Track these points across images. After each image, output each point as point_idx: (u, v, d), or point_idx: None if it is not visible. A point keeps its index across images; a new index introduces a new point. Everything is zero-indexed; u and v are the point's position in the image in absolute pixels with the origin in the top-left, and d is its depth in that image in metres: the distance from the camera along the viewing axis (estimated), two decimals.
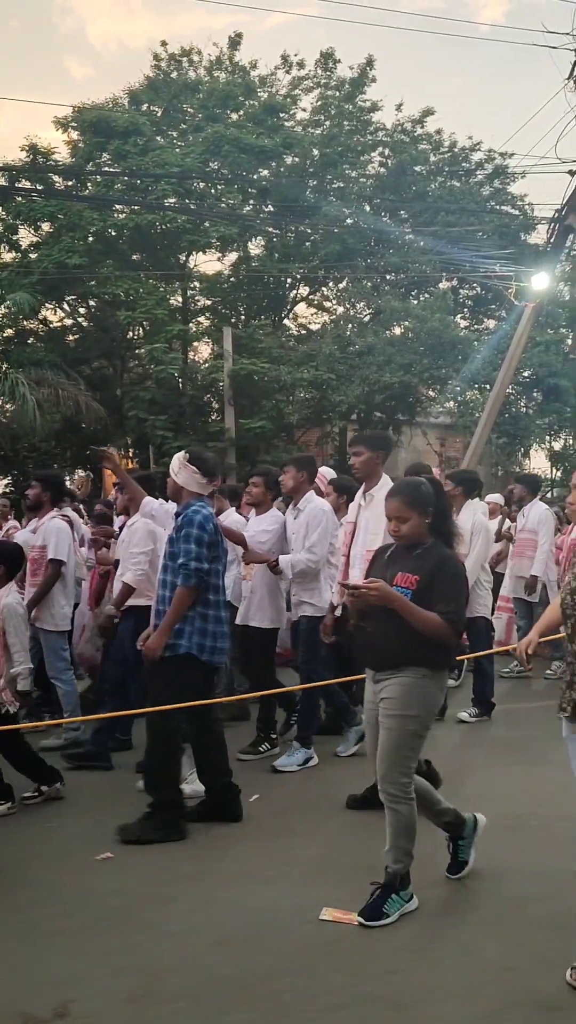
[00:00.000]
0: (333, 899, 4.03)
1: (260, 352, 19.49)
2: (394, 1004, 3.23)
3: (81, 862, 4.53)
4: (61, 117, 20.28)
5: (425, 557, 3.86)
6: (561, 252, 14.18)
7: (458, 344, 19.59)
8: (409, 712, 3.81)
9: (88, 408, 18.21)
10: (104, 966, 3.50)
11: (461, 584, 3.94)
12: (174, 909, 3.99)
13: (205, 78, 22.63)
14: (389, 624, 3.77)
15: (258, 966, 3.50)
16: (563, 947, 3.60)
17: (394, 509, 3.91)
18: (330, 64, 22.20)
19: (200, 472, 5.02)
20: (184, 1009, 3.20)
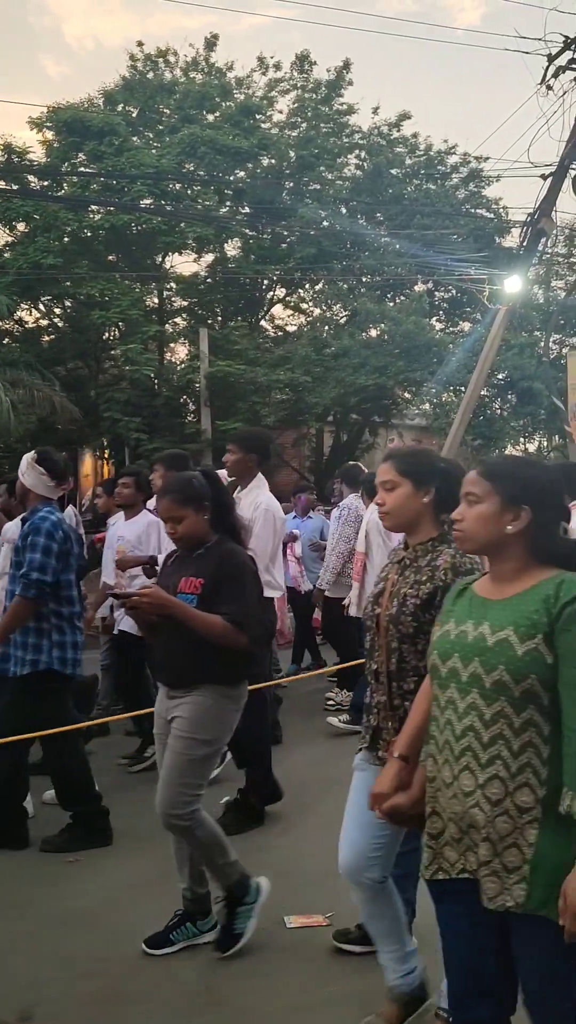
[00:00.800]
0: (300, 901, 4.04)
1: (236, 353, 19.47)
2: (362, 1003, 3.23)
3: (49, 865, 4.51)
4: (36, 117, 20.17)
5: (207, 557, 3.55)
6: (533, 255, 14.27)
7: (433, 347, 19.66)
8: (198, 735, 3.45)
9: (63, 409, 18.13)
10: (70, 969, 3.49)
11: (246, 581, 3.57)
12: (140, 912, 3.98)
13: (181, 79, 22.58)
14: (178, 637, 3.43)
15: (225, 967, 3.50)
16: None
17: (165, 509, 3.60)
18: (306, 66, 22.23)
19: (48, 474, 4.76)
20: (150, 1011, 3.20)
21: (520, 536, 2.15)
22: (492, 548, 2.22)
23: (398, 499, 2.87)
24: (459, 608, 2.26)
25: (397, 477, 2.87)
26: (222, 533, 3.63)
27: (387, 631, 2.80)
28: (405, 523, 2.91)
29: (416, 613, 2.73)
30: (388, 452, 3.07)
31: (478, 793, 2.11)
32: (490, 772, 2.10)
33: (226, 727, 3.58)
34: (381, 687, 2.85)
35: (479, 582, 2.29)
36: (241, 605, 3.46)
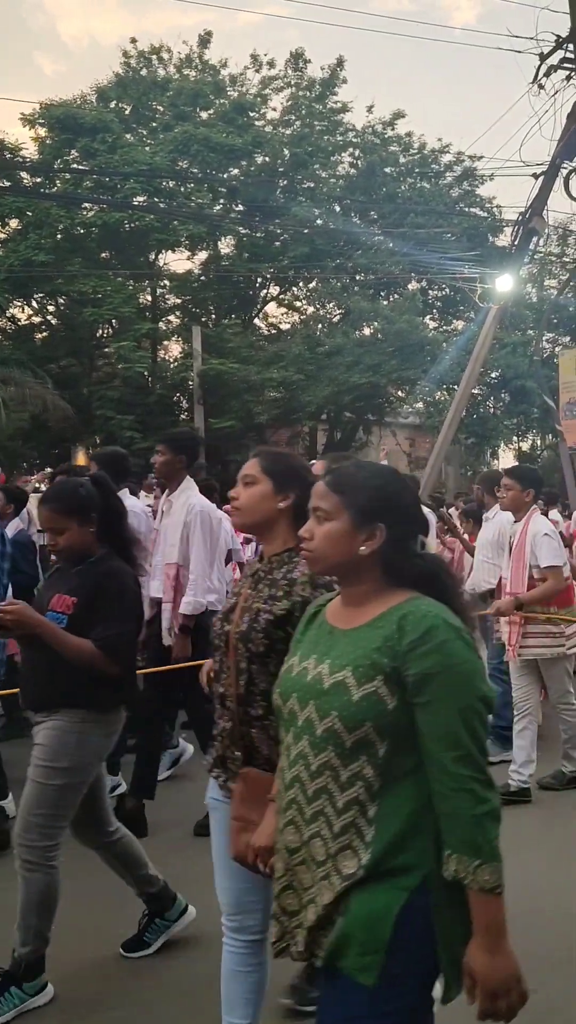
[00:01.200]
0: None
1: (229, 351, 19.47)
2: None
3: None
4: (28, 113, 20.12)
5: (87, 574, 3.23)
6: (525, 254, 14.28)
7: (426, 345, 19.68)
8: (57, 764, 3.16)
9: (55, 407, 18.12)
10: (50, 972, 3.47)
11: (125, 603, 3.27)
12: (124, 915, 3.97)
13: (175, 76, 22.55)
14: (43, 657, 3.15)
15: (205, 971, 3.47)
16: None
17: (46, 519, 3.29)
18: (300, 64, 22.23)
19: None
20: (129, 1016, 3.18)
21: (374, 556, 1.89)
22: (343, 570, 1.97)
23: (253, 497, 2.59)
24: (307, 638, 2.02)
25: (259, 473, 2.61)
26: (109, 547, 3.33)
27: (236, 650, 2.49)
28: (254, 525, 2.65)
29: (268, 630, 2.43)
30: (257, 449, 2.79)
31: (302, 852, 1.87)
32: (312, 830, 1.85)
33: (90, 756, 3.26)
34: (227, 712, 2.52)
35: (332, 605, 2.03)
36: (115, 630, 3.16)
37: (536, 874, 4.39)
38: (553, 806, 5.37)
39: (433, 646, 1.78)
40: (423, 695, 1.78)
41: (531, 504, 5.48)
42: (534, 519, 5.41)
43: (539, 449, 24.86)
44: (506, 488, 5.50)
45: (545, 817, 5.21)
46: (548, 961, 3.56)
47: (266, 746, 2.42)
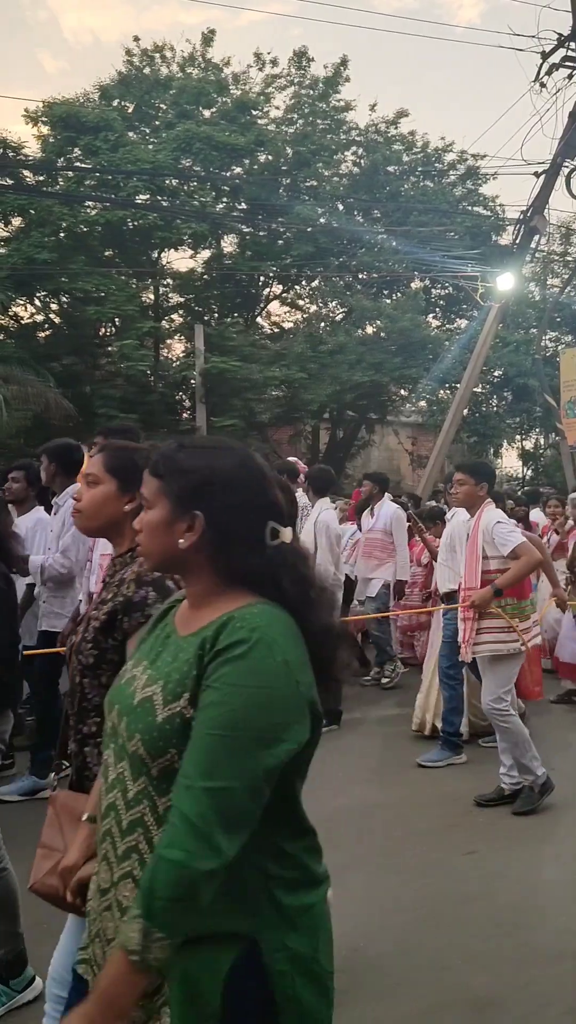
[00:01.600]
0: None
1: (232, 350, 19.45)
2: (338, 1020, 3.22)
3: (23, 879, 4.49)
4: (31, 111, 20.11)
5: None
6: (526, 253, 14.27)
7: (429, 344, 19.67)
8: None
9: (57, 405, 18.10)
10: (36, 969, 3.47)
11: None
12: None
13: (177, 75, 22.54)
14: None
15: None
16: (499, 946, 3.63)
17: None
18: (303, 63, 22.19)
19: None
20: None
21: (199, 550, 1.60)
22: (171, 566, 1.71)
23: (95, 498, 2.36)
24: (147, 641, 1.74)
25: (102, 472, 2.37)
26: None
27: (70, 662, 2.28)
28: (99, 528, 2.42)
29: (96, 639, 2.19)
30: (102, 444, 2.59)
31: (111, 894, 1.60)
32: (124, 869, 1.59)
33: None
34: (69, 729, 2.29)
35: (182, 605, 1.73)
36: None
37: (528, 870, 4.39)
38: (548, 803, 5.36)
39: (232, 657, 1.49)
40: (200, 704, 1.50)
41: (484, 498, 5.42)
42: (486, 512, 5.39)
43: (542, 448, 24.82)
44: (459, 483, 5.48)
45: (539, 815, 5.20)
46: (541, 955, 3.56)
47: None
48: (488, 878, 4.30)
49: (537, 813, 5.15)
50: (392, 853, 4.65)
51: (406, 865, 4.49)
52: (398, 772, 6.07)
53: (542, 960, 3.53)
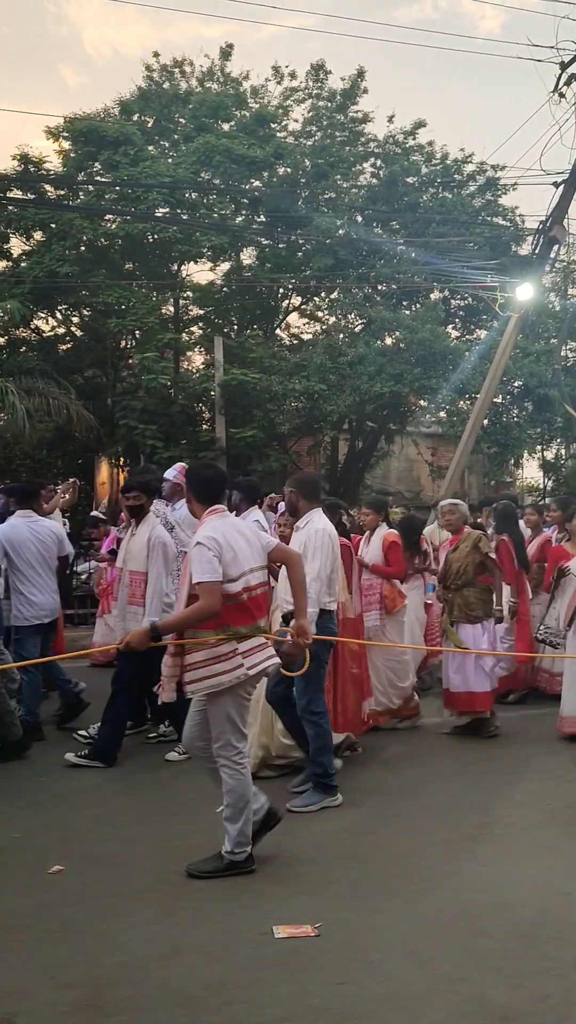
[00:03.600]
0: (290, 911, 4.01)
1: (252, 362, 19.49)
2: (343, 1015, 3.21)
3: (36, 875, 4.51)
4: (52, 127, 20.31)
5: None
6: (546, 263, 14.21)
7: (449, 354, 19.56)
8: None
9: (79, 417, 18.21)
10: (52, 979, 3.47)
11: None
12: (127, 922, 3.97)
13: (197, 89, 22.69)
14: None
15: (208, 978, 3.47)
16: (519, 956, 3.59)
17: None
18: (321, 75, 22.25)
19: None
20: (128, 1021, 3.17)
21: None
22: None
23: None
24: None
25: None
26: None
27: None
28: None
29: None
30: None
31: None
32: None
33: None
34: None
35: None
36: None
37: (548, 881, 4.34)
38: (567, 815, 5.30)
39: None
40: None
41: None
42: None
43: (562, 458, 24.64)
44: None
45: (558, 826, 5.15)
46: (560, 968, 3.52)
47: None
48: (506, 890, 4.26)
49: (538, 828, 5.09)
50: (407, 864, 4.61)
51: (421, 876, 4.45)
52: (416, 783, 6.03)
53: (561, 972, 3.49)
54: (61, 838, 5.00)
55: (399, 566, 7.56)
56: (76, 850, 4.81)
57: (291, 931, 3.82)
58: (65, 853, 4.73)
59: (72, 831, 5.11)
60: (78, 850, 4.81)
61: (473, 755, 6.71)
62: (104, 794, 5.82)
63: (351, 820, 5.31)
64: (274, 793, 4.97)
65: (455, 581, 7.35)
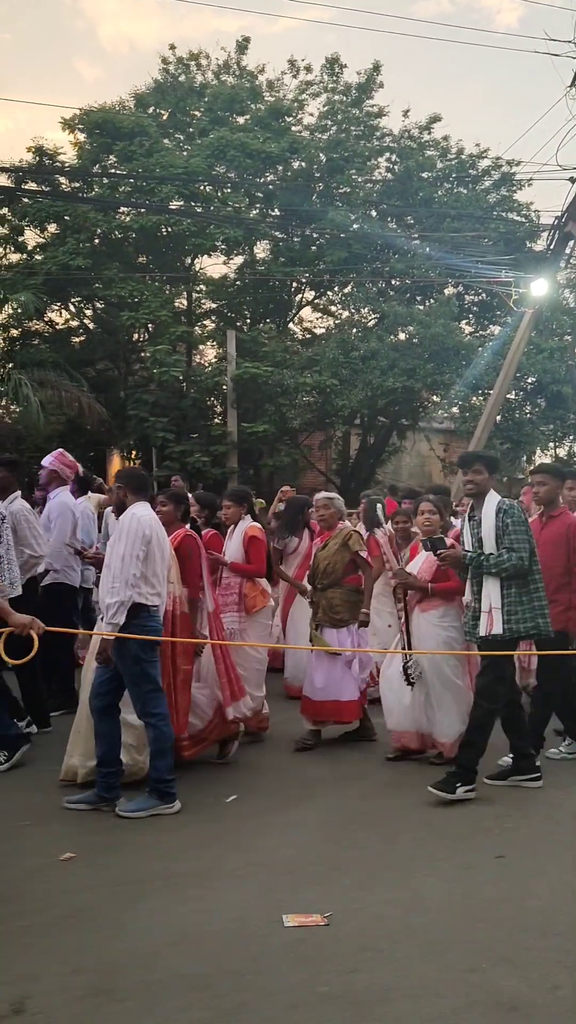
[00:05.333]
0: (301, 900, 4.02)
1: (264, 356, 19.48)
2: (353, 1003, 3.20)
3: (48, 861, 4.53)
4: (68, 119, 20.30)
5: None
6: (561, 259, 14.15)
7: (462, 350, 19.50)
8: None
9: (91, 410, 18.26)
10: (63, 963, 3.48)
11: None
12: (139, 908, 3.98)
13: (212, 82, 22.65)
14: None
15: (219, 965, 3.48)
16: (529, 948, 3.59)
17: None
18: (336, 69, 22.17)
19: None
20: (139, 1007, 3.18)
21: None
22: None
23: None
24: None
25: None
26: None
27: None
28: None
29: None
30: None
31: None
32: None
33: None
34: None
35: None
36: None
37: (559, 874, 4.33)
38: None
39: None
40: None
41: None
42: None
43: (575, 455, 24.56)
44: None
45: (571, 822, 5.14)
46: (570, 960, 3.51)
47: None
48: (518, 882, 4.25)
49: (550, 822, 5.09)
50: (420, 856, 4.61)
51: (434, 868, 4.45)
52: (426, 776, 6.03)
53: (572, 964, 3.48)
54: (72, 825, 5.02)
55: (260, 563, 6.83)
56: (86, 838, 4.83)
57: (301, 920, 3.82)
58: (76, 841, 4.75)
59: (81, 819, 5.12)
60: (88, 838, 4.83)
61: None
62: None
63: (361, 811, 5.31)
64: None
65: (321, 581, 6.80)
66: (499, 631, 5.39)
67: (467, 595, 5.73)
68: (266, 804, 5.44)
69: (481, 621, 5.49)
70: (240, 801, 5.46)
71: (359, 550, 6.78)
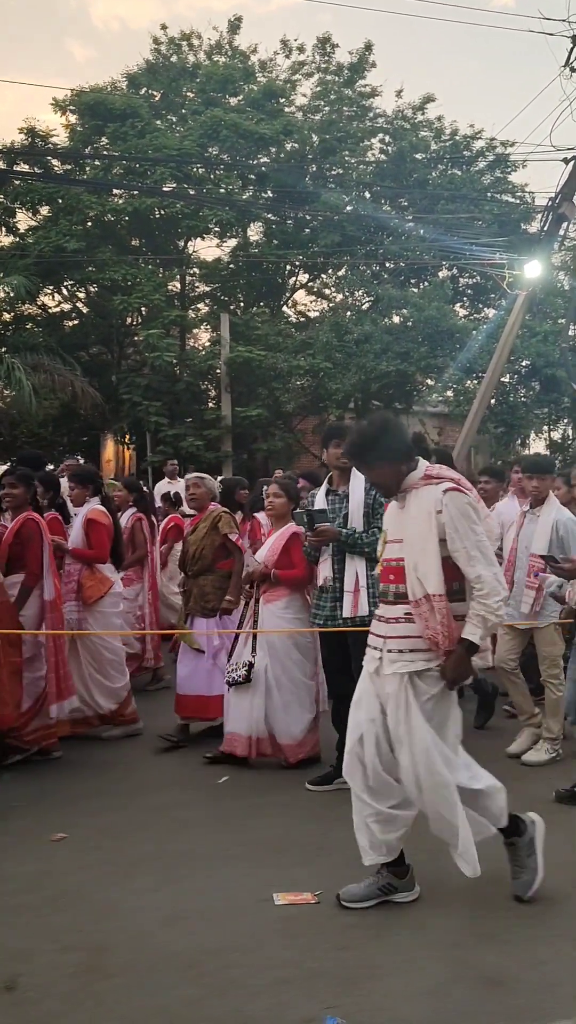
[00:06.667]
0: (290, 879, 4.06)
1: (257, 339, 19.46)
2: (341, 979, 3.25)
3: (40, 842, 4.57)
4: (60, 99, 20.20)
5: None
6: (554, 240, 14.11)
7: (456, 333, 19.50)
8: None
9: (84, 394, 18.24)
10: (55, 942, 3.52)
11: None
12: (130, 888, 4.02)
13: (204, 62, 22.52)
14: None
15: (208, 943, 3.52)
16: (509, 925, 3.64)
17: None
18: (327, 49, 22.06)
19: None
20: (129, 984, 3.22)
21: None
22: None
23: None
24: None
25: None
26: None
27: None
28: None
29: None
30: None
31: None
32: None
33: None
34: None
35: None
36: None
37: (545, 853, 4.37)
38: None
39: None
40: None
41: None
42: None
43: (570, 439, 24.58)
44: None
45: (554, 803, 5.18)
46: (554, 936, 3.56)
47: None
48: (501, 859, 4.29)
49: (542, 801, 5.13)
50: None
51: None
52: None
53: (555, 940, 3.52)
54: (62, 807, 5.06)
55: (101, 549, 6.44)
56: (77, 819, 4.87)
57: (291, 898, 3.87)
58: (66, 821, 4.78)
59: (72, 800, 5.17)
60: (79, 819, 4.87)
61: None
62: (102, 766, 5.91)
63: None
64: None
65: (192, 567, 6.37)
66: (365, 612, 5.07)
67: (323, 575, 5.31)
68: (257, 785, 5.48)
69: (345, 602, 5.19)
70: (232, 782, 5.50)
71: (228, 532, 6.32)
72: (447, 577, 3.60)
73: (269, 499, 5.92)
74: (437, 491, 3.64)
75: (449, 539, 3.59)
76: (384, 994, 3.15)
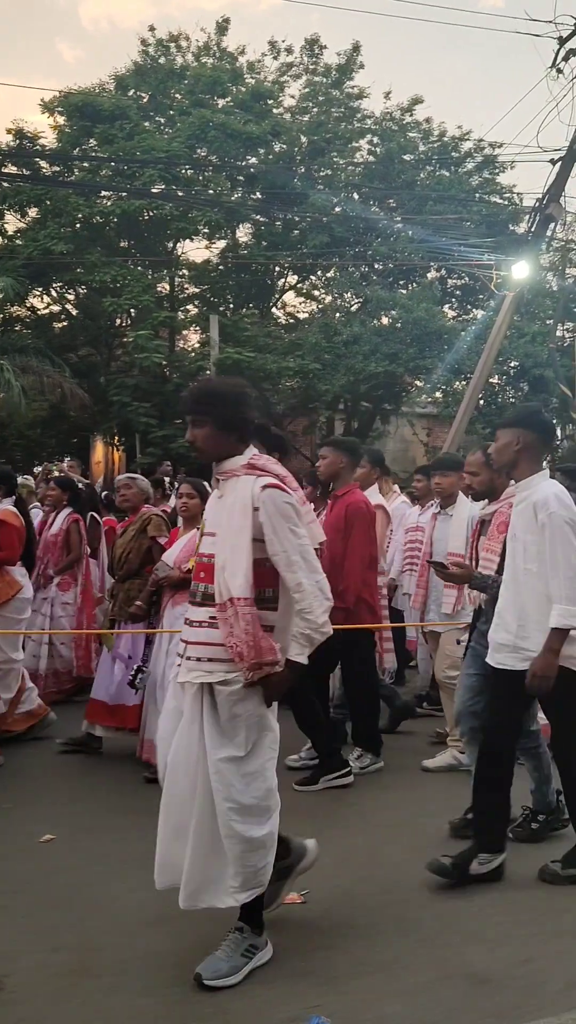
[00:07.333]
0: None
1: (246, 341, 19.47)
2: (327, 978, 3.26)
3: (28, 842, 4.57)
4: (48, 101, 20.18)
5: None
6: (542, 241, 14.16)
7: (445, 334, 19.56)
8: None
9: (73, 395, 18.24)
10: (43, 942, 3.53)
11: None
12: (119, 888, 4.02)
13: (193, 64, 22.54)
14: None
15: (196, 943, 3.52)
16: (498, 923, 3.65)
17: None
18: (315, 50, 22.10)
19: None
20: (115, 984, 3.23)
21: None
22: None
23: None
24: None
25: None
26: None
27: None
28: None
29: None
30: None
31: None
32: None
33: None
34: None
35: None
36: None
37: (529, 850, 4.39)
38: None
39: None
40: None
41: None
42: None
43: (558, 439, 24.66)
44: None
45: None
46: (540, 933, 3.57)
47: None
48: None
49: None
50: (393, 833, 4.68)
51: (407, 845, 4.51)
52: (406, 759, 6.09)
53: (543, 939, 3.54)
54: (50, 809, 5.06)
55: (10, 551, 6.18)
56: (65, 820, 4.87)
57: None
58: (55, 823, 4.79)
59: (61, 802, 5.17)
60: (67, 820, 4.87)
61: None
62: (90, 767, 5.93)
63: (338, 792, 5.38)
64: None
65: (119, 571, 6.24)
66: None
67: None
68: None
69: None
70: None
71: (157, 535, 6.13)
72: (259, 582, 3.21)
73: (182, 500, 5.71)
74: (255, 485, 3.26)
75: (268, 541, 3.22)
76: (370, 993, 3.16)
